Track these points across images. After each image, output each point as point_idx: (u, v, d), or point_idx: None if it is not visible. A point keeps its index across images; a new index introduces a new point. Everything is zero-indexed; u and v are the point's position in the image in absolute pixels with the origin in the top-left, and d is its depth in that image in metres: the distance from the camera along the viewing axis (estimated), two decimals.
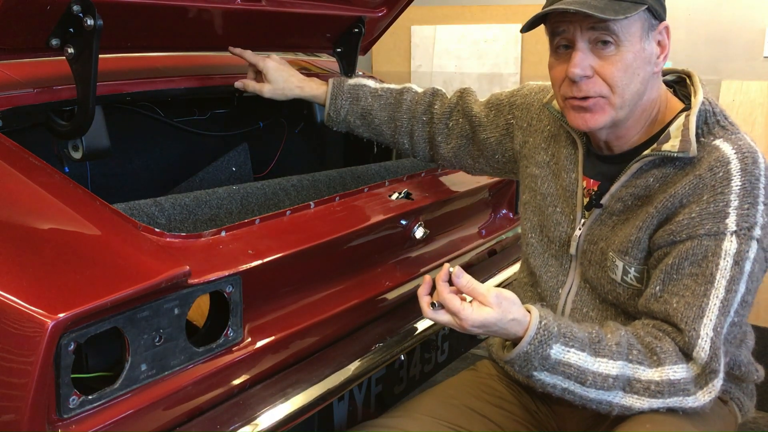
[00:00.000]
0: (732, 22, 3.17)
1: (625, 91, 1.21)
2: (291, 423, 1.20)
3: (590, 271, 1.33)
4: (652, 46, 1.23)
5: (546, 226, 1.42)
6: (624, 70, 1.20)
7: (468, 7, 3.86)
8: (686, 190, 1.19)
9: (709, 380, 1.17)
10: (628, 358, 1.16)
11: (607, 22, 1.17)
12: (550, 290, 1.40)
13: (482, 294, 1.14)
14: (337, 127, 1.71)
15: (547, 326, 1.14)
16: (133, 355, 1.05)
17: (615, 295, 1.30)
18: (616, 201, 1.29)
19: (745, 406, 1.36)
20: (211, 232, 1.23)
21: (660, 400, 1.16)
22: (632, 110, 1.25)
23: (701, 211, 1.17)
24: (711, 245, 1.16)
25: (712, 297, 1.16)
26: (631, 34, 1.19)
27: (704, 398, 1.17)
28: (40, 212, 1.12)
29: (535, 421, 1.42)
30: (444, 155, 1.67)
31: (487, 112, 1.59)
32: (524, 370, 1.17)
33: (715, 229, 1.16)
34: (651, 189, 1.24)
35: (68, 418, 0.99)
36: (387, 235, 1.61)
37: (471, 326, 1.14)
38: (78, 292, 0.97)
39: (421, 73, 4.04)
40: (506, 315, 1.13)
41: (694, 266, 1.18)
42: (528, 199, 1.48)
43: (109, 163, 1.68)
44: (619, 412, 1.18)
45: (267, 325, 1.29)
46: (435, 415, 1.34)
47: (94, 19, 1.22)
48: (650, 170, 1.24)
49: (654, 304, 1.21)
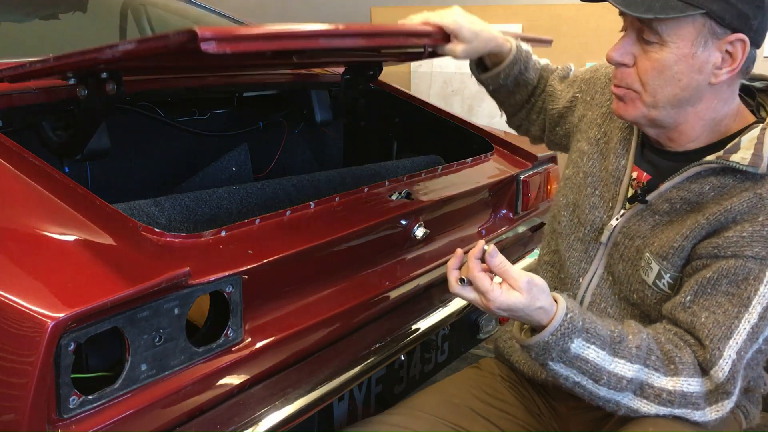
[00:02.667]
0: None
1: (657, 92, 1.17)
2: (291, 423, 1.20)
3: (620, 266, 1.30)
4: (712, 55, 1.14)
5: (580, 206, 1.37)
6: (660, 70, 1.15)
7: (468, 7, 3.86)
8: (744, 207, 1.15)
9: (721, 399, 1.15)
10: (645, 362, 1.14)
11: (651, 20, 1.12)
12: (571, 278, 1.37)
13: (514, 278, 1.11)
14: (483, 82, 1.55)
15: (573, 319, 1.12)
16: (133, 355, 1.05)
17: (641, 296, 1.27)
18: (663, 201, 1.24)
19: (751, 414, 1.35)
20: (211, 232, 1.23)
21: (668, 408, 1.15)
22: (677, 115, 1.19)
23: (753, 232, 1.13)
24: (755, 269, 1.13)
25: (743, 321, 1.13)
26: (680, 36, 1.12)
27: (712, 415, 1.15)
28: (40, 212, 1.12)
29: (538, 423, 1.41)
30: (526, 127, 1.64)
31: (562, 86, 1.55)
32: (540, 358, 1.15)
33: (763, 253, 1.13)
34: (704, 197, 1.19)
35: (68, 418, 0.99)
36: (387, 235, 1.61)
37: (497, 308, 1.11)
38: (78, 292, 0.98)
39: (421, 73, 4.04)
40: (534, 302, 1.11)
41: (732, 286, 1.15)
42: (569, 175, 1.42)
43: (109, 163, 1.67)
44: (625, 413, 1.18)
45: (267, 325, 1.29)
46: (436, 414, 1.33)
47: (117, 85, 1.22)
48: (708, 177, 1.18)
49: (681, 313, 1.18)
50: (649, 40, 1.15)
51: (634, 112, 1.21)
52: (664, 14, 1.10)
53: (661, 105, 1.18)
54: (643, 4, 1.11)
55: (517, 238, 2.08)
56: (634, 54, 1.17)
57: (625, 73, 1.20)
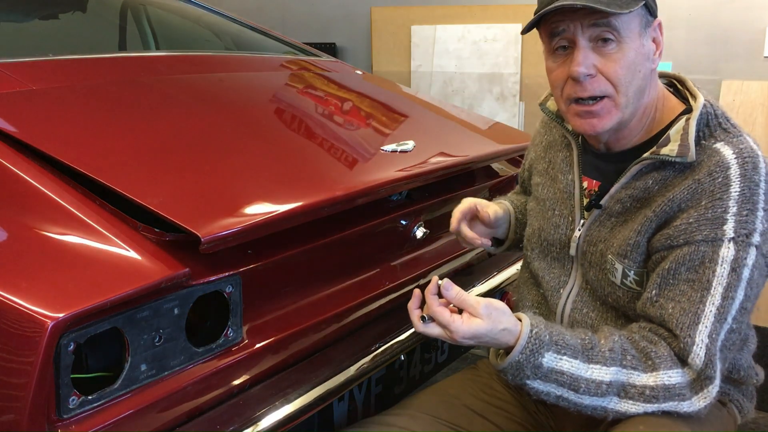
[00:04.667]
0: (732, 22, 3.17)
1: (629, 88, 1.21)
2: (291, 423, 1.20)
3: (590, 273, 1.33)
4: (649, 43, 1.24)
5: (545, 229, 1.42)
6: (627, 67, 1.20)
7: (468, 7, 3.86)
8: (685, 194, 1.18)
9: (705, 386, 1.16)
10: (622, 363, 1.16)
11: (608, 18, 1.17)
12: (551, 290, 1.40)
13: (472, 306, 1.14)
14: (509, 249, 1.65)
15: (539, 335, 1.14)
16: (133, 355, 1.05)
17: (615, 298, 1.29)
18: (615, 202, 1.29)
19: (745, 408, 1.36)
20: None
21: (655, 404, 1.15)
22: (636, 109, 1.24)
23: (699, 217, 1.16)
24: (708, 251, 1.15)
25: (708, 304, 1.15)
26: (631, 30, 1.20)
27: (699, 404, 1.16)
28: (40, 212, 1.12)
29: (534, 421, 1.42)
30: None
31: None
32: (517, 379, 1.17)
33: (712, 235, 1.15)
34: (650, 191, 1.24)
35: (68, 419, 0.99)
36: (387, 235, 1.61)
37: (462, 338, 1.14)
38: (78, 292, 0.98)
39: (421, 73, 4.04)
40: (497, 325, 1.13)
41: (690, 272, 1.17)
42: (532, 206, 1.49)
43: None
44: (614, 417, 1.18)
45: (267, 325, 1.29)
46: (435, 414, 1.34)
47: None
48: (650, 173, 1.24)
49: (650, 309, 1.20)
50: (607, 38, 1.19)
51: (609, 121, 1.24)
52: (631, 8, 1.17)
53: (631, 101, 1.23)
54: (613, 3, 1.16)
55: None
56: (594, 64, 1.21)
57: (594, 82, 1.22)
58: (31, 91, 1.44)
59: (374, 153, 1.60)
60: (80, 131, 1.36)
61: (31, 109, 1.39)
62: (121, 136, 1.38)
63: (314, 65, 2.26)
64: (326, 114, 1.81)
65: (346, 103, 1.95)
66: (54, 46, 1.89)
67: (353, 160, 1.57)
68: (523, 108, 3.87)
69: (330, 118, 1.79)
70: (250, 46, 2.53)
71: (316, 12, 4.34)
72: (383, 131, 1.81)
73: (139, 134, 1.41)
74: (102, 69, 1.72)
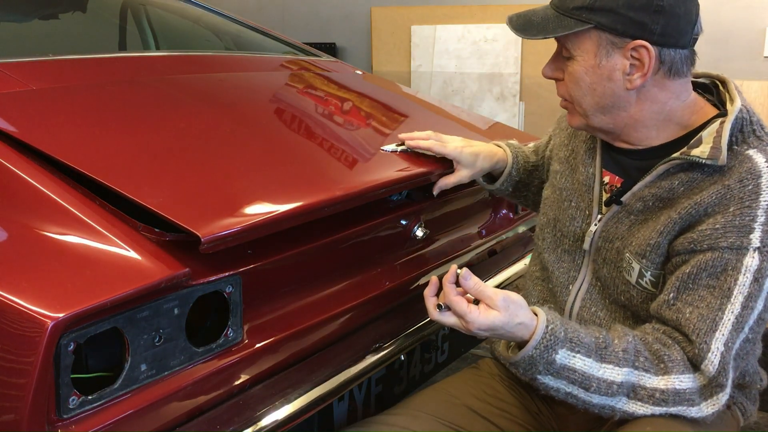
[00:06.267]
0: (732, 22, 3.17)
1: (582, 101, 1.25)
2: (291, 423, 1.20)
3: (604, 270, 1.32)
4: (618, 63, 1.20)
5: (560, 220, 1.41)
6: (575, 82, 1.24)
7: (468, 7, 3.86)
8: (713, 199, 1.16)
9: (715, 393, 1.15)
10: (634, 365, 1.15)
11: (558, 35, 1.22)
12: (560, 286, 1.39)
13: (490, 297, 1.14)
14: (500, 191, 1.64)
15: (554, 331, 1.14)
16: (133, 355, 1.05)
17: (628, 297, 1.28)
18: (637, 200, 1.27)
19: (748, 411, 1.35)
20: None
21: (663, 408, 1.15)
22: (613, 120, 1.25)
23: (726, 223, 1.14)
24: (732, 259, 1.14)
25: (727, 312, 1.14)
26: (583, 50, 1.21)
27: (708, 410, 1.16)
28: (40, 212, 1.12)
29: (536, 422, 1.42)
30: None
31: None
32: (528, 373, 1.17)
33: (738, 243, 1.14)
34: (675, 192, 1.22)
35: (68, 419, 0.99)
36: (387, 235, 1.61)
37: (477, 329, 1.14)
38: (78, 292, 0.98)
39: (421, 73, 4.04)
40: (513, 319, 1.13)
41: (712, 278, 1.15)
42: (547, 195, 1.48)
43: None
44: (621, 416, 1.18)
45: (267, 325, 1.29)
46: (436, 413, 1.34)
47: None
48: (677, 173, 1.21)
49: (666, 312, 1.19)
50: (565, 56, 1.25)
51: (576, 121, 1.31)
52: (553, 34, 1.20)
53: (590, 113, 1.25)
54: (538, 26, 1.21)
55: (517, 238, 2.08)
56: (561, 69, 1.26)
57: (559, 86, 1.29)
58: (31, 91, 1.44)
59: (374, 153, 1.60)
60: (80, 131, 1.36)
61: (31, 109, 1.39)
62: (121, 136, 1.38)
63: (314, 65, 2.26)
64: (326, 114, 1.81)
65: (346, 103, 1.95)
66: (54, 46, 1.89)
67: (353, 160, 1.57)
68: (523, 108, 3.87)
69: (330, 118, 1.79)
70: (250, 46, 2.53)
71: (316, 12, 4.34)
72: (383, 131, 1.81)
73: (139, 134, 1.41)
74: (102, 69, 1.72)
